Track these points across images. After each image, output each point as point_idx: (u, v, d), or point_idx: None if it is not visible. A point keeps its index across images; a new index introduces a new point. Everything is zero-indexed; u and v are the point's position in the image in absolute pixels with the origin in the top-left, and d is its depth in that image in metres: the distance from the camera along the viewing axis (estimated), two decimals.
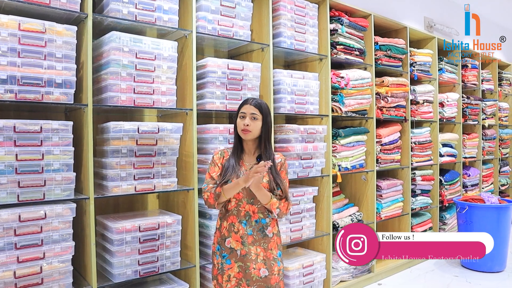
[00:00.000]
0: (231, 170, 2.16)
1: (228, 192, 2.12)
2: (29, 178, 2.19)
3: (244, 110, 2.17)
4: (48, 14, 2.36)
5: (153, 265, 2.60)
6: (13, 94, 2.15)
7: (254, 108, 2.16)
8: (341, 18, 3.73)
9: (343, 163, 3.75)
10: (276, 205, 2.14)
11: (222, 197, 2.13)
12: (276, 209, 2.14)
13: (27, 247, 2.18)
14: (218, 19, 2.95)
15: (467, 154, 5.48)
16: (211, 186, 2.17)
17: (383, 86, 4.14)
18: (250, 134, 2.16)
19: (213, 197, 2.13)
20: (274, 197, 2.14)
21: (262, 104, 2.19)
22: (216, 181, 2.19)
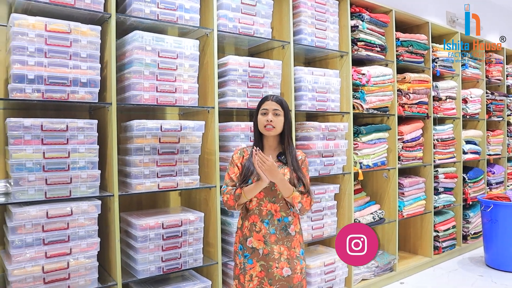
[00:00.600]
0: (250, 171, 2.14)
1: (249, 193, 2.11)
2: (56, 176, 2.24)
3: (266, 107, 2.17)
4: (72, 15, 2.41)
5: (176, 261, 2.63)
6: (40, 93, 2.20)
7: (276, 104, 2.16)
8: (362, 14, 3.69)
9: (365, 160, 3.72)
10: (298, 199, 2.11)
11: (242, 198, 2.12)
12: (298, 204, 2.11)
13: (55, 243, 2.23)
14: (239, 17, 2.96)
15: (492, 151, 5.37)
16: (230, 188, 2.16)
17: (405, 83, 4.09)
18: (274, 130, 2.15)
19: (233, 198, 2.13)
20: (296, 190, 2.12)
21: (282, 100, 2.20)
22: (235, 183, 2.19)
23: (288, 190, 2.09)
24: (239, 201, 2.14)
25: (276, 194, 2.15)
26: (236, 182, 2.19)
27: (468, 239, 4.92)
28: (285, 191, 2.10)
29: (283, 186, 2.08)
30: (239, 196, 2.12)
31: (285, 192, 2.10)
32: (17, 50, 2.13)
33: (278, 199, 2.15)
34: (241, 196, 2.12)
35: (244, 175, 2.16)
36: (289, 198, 2.11)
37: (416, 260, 4.30)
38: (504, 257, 4.20)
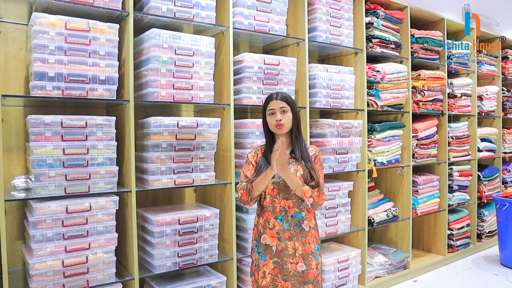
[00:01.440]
0: (262, 168, 2.15)
1: (259, 185, 2.11)
2: (75, 172, 2.28)
3: (273, 107, 2.17)
4: (91, 13, 2.44)
5: (191, 257, 2.66)
6: (60, 91, 2.23)
7: (281, 101, 2.16)
8: (377, 11, 3.68)
9: (379, 158, 3.72)
10: (309, 193, 2.09)
11: (254, 191, 2.13)
12: (310, 198, 2.10)
13: (74, 238, 2.27)
14: (254, 15, 2.96)
15: (507, 149, 5.31)
16: (244, 184, 2.18)
17: (420, 80, 4.06)
18: (284, 127, 2.16)
19: (245, 193, 2.15)
20: (305, 184, 2.11)
21: (287, 96, 2.19)
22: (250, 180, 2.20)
23: (294, 184, 2.08)
24: (251, 195, 2.15)
25: (289, 191, 2.15)
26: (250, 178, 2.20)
27: (482, 237, 4.89)
28: (292, 184, 2.09)
29: (290, 180, 2.08)
30: (251, 190, 2.13)
31: (292, 185, 2.09)
32: (38, 48, 2.17)
33: (291, 195, 2.16)
34: (252, 189, 2.12)
35: (257, 172, 2.17)
36: (297, 191, 2.10)
37: (430, 258, 4.29)
38: None
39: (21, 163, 2.55)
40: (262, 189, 2.13)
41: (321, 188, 2.15)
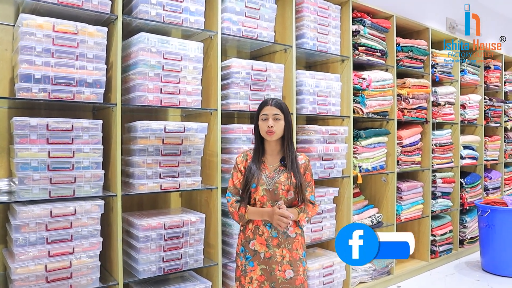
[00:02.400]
0: (252, 175, 2.17)
1: (252, 216, 2.17)
2: (60, 175, 2.26)
3: (266, 112, 2.18)
4: (79, 16, 2.43)
5: (176, 262, 2.65)
6: (46, 93, 2.21)
7: (275, 108, 2.17)
8: (363, 19, 3.73)
9: (364, 164, 3.76)
10: (304, 216, 2.20)
11: (245, 218, 2.18)
12: (305, 219, 2.22)
13: (58, 242, 2.25)
14: (243, 21, 2.98)
15: (489, 157, 5.42)
16: (234, 201, 2.20)
17: (405, 88, 4.13)
18: (275, 134, 2.17)
19: (237, 215, 2.19)
20: (300, 211, 2.18)
21: (282, 104, 2.21)
22: (238, 190, 2.21)
23: (295, 217, 2.16)
24: (242, 221, 2.20)
25: (278, 198, 2.16)
26: (239, 189, 2.21)
27: (464, 243, 4.96)
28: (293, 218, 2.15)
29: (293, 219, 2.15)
30: (243, 217, 2.18)
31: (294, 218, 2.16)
32: (25, 50, 2.15)
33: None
34: (244, 217, 2.18)
35: (247, 178, 2.18)
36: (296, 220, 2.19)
37: (413, 264, 4.34)
38: (501, 261, 4.24)
39: (4, 165, 2.51)
40: (254, 219, 2.19)
41: (314, 201, 2.24)
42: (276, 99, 2.22)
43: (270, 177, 2.16)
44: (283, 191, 2.15)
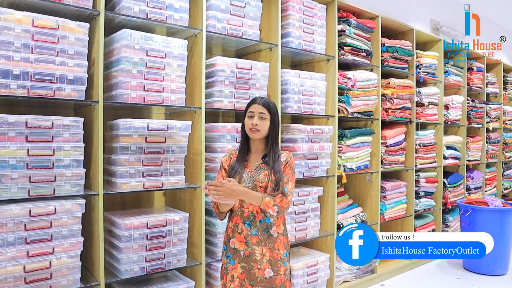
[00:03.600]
0: (234, 173, 2.16)
1: (223, 206, 2.13)
2: (39, 174, 2.21)
3: (253, 110, 2.17)
4: (60, 11, 2.38)
5: (159, 262, 2.62)
6: (25, 89, 2.16)
7: (262, 107, 2.15)
8: (349, 19, 3.74)
9: (348, 163, 3.77)
10: (271, 202, 2.05)
11: (220, 209, 2.15)
12: (274, 207, 2.05)
13: (37, 242, 2.20)
14: (228, 18, 2.96)
15: (471, 157, 5.49)
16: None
17: (389, 88, 4.15)
18: (258, 133, 2.15)
19: (216, 207, 2.17)
20: (267, 196, 2.06)
21: (270, 103, 2.18)
22: None
23: (257, 200, 2.05)
24: (219, 211, 2.17)
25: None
26: None
27: None
28: (255, 202, 2.06)
29: (251, 199, 2.05)
30: (218, 208, 2.15)
31: (255, 202, 2.06)
32: (3, 45, 2.10)
33: None
34: (219, 207, 2.14)
35: (229, 175, 2.16)
36: (261, 206, 2.06)
37: (397, 263, 4.36)
38: (481, 260, 4.28)
39: None
40: (226, 209, 2.15)
41: (287, 191, 2.10)
42: (265, 99, 2.19)
43: (251, 175, 2.14)
44: (261, 189, 2.11)
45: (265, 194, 2.06)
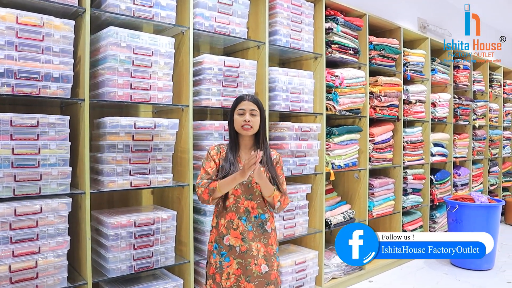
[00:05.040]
0: (230, 165, 2.15)
1: (224, 187, 2.10)
2: (25, 172, 2.19)
3: (243, 107, 2.19)
4: (45, 8, 2.36)
5: (147, 260, 2.61)
6: (10, 87, 2.14)
7: (252, 104, 2.19)
8: (337, 17, 3.76)
9: (336, 161, 3.79)
10: (278, 197, 2.17)
11: (217, 192, 2.10)
12: (278, 202, 2.18)
13: (23, 241, 2.17)
14: (215, 16, 2.96)
15: (458, 154, 5.55)
16: (205, 181, 2.15)
17: (377, 86, 4.18)
18: (251, 130, 2.18)
19: (207, 192, 2.12)
20: (276, 189, 2.18)
21: (258, 100, 2.24)
22: (211, 177, 2.17)
23: (269, 190, 2.15)
24: (213, 195, 2.12)
25: (253, 191, 2.18)
26: (212, 176, 2.18)
27: None
28: (266, 191, 2.15)
29: (266, 186, 2.13)
30: (214, 190, 2.10)
31: (267, 191, 2.15)
32: None
33: (255, 196, 2.19)
34: (216, 190, 2.10)
35: (222, 167, 2.17)
36: (270, 197, 2.16)
37: (385, 259, 4.40)
38: None
39: None
40: (225, 192, 2.14)
41: (284, 193, 2.22)
42: (252, 95, 2.24)
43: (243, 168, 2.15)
44: (257, 184, 2.16)
45: (275, 187, 2.17)
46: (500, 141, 6.68)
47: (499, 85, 6.60)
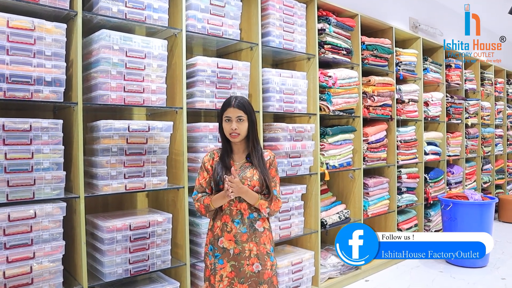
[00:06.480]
0: (221, 173, 2.18)
1: (216, 203, 2.17)
2: (18, 177, 2.17)
3: (229, 114, 2.17)
4: (37, 12, 2.34)
5: (143, 263, 2.60)
6: (1, 92, 2.12)
7: (238, 110, 2.16)
8: (329, 18, 3.77)
9: (331, 161, 3.80)
10: (265, 204, 2.18)
11: (211, 207, 2.18)
12: (266, 209, 2.18)
13: (17, 247, 2.16)
14: (208, 18, 2.95)
15: (451, 152, 5.58)
16: (200, 196, 2.22)
17: (370, 85, 4.20)
18: (239, 136, 2.18)
19: (203, 207, 2.19)
20: (262, 198, 2.18)
21: (245, 104, 2.19)
22: (205, 189, 2.24)
23: (254, 199, 2.16)
24: (208, 210, 2.19)
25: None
26: (206, 187, 2.24)
27: None
28: (251, 201, 2.17)
29: (249, 198, 2.15)
30: (208, 206, 2.18)
31: (252, 201, 2.17)
32: None
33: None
34: (209, 206, 2.17)
35: (215, 179, 2.20)
36: (256, 205, 2.18)
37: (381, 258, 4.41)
38: None
39: None
40: (219, 206, 2.18)
41: (277, 195, 2.23)
42: (239, 99, 2.19)
43: (237, 173, 2.16)
44: (249, 187, 2.16)
45: (260, 196, 2.17)
46: (493, 139, 6.73)
47: (491, 83, 6.65)
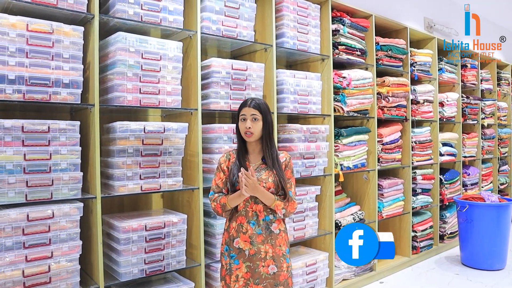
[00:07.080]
0: (236, 174, 2.18)
1: (232, 202, 2.17)
2: (37, 178, 2.21)
3: (244, 113, 2.20)
4: (54, 15, 2.38)
5: (159, 264, 2.62)
6: (21, 94, 2.16)
7: (253, 109, 2.18)
8: (343, 18, 3.76)
9: (345, 162, 3.78)
10: (281, 206, 2.18)
11: (227, 207, 2.19)
12: (282, 210, 2.18)
13: (35, 246, 2.19)
14: (222, 20, 2.97)
15: (467, 153, 5.52)
16: (216, 196, 2.23)
17: (384, 86, 4.17)
18: (253, 136, 2.19)
19: (220, 207, 2.20)
20: (278, 199, 2.18)
21: (261, 104, 2.21)
22: (221, 189, 2.25)
23: (270, 200, 2.16)
24: (225, 209, 2.20)
25: None
26: (222, 188, 2.25)
27: (444, 238, 5.04)
28: (267, 202, 2.16)
29: (265, 198, 2.15)
30: (225, 206, 2.19)
31: (267, 202, 2.17)
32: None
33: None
34: (226, 205, 2.18)
35: (231, 180, 2.21)
36: (271, 206, 2.17)
37: (395, 260, 4.38)
38: (479, 255, 4.32)
39: None
40: (235, 205, 2.19)
41: (292, 197, 2.22)
42: (256, 100, 2.22)
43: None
44: (265, 188, 2.16)
45: (276, 197, 2.17)
46: (510, 140, 6.63)
47: (507, 83, 6.55)
